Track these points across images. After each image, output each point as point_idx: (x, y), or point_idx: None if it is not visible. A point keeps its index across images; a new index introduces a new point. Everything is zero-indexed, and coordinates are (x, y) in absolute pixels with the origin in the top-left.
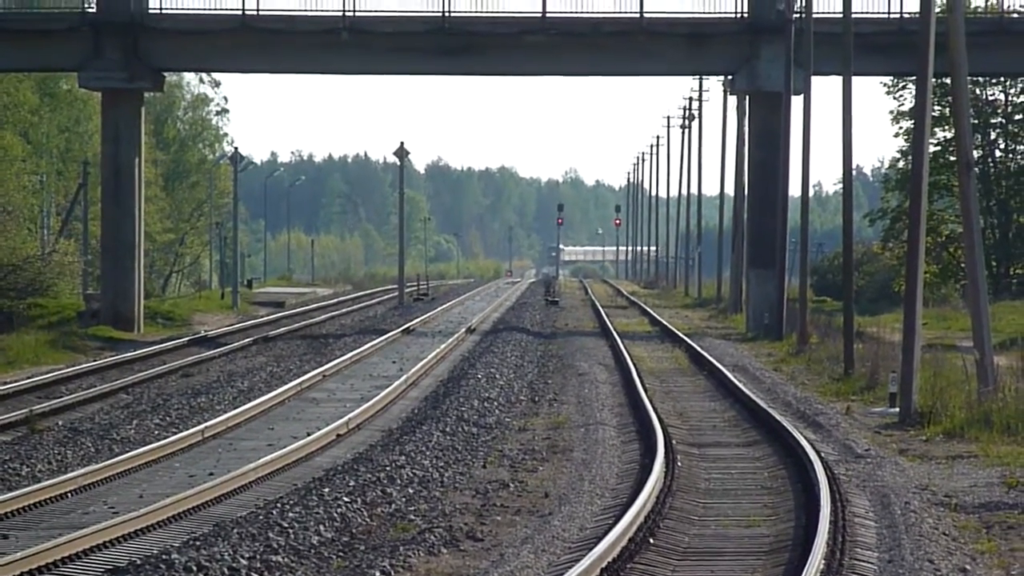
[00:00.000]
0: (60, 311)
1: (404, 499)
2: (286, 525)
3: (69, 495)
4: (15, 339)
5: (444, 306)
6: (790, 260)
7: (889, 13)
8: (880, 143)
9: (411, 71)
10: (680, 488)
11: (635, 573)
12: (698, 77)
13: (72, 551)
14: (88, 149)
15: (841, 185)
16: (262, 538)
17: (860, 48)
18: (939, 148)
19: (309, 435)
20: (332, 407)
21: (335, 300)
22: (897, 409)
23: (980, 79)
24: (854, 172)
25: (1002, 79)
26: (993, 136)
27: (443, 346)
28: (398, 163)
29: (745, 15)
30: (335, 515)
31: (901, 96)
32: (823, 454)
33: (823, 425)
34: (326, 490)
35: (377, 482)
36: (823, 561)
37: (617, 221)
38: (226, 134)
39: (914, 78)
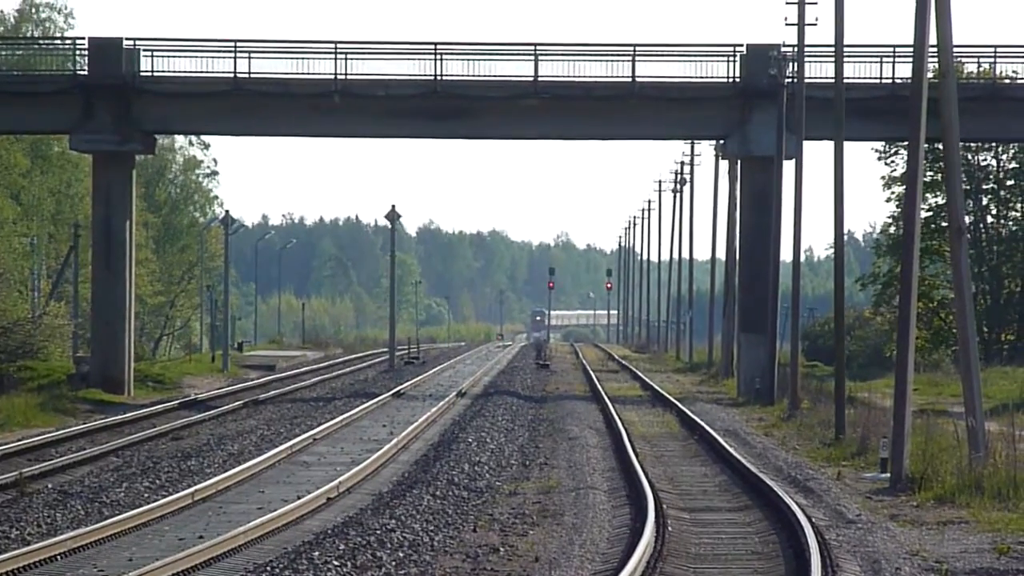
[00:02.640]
0: (50, 374)
1: (394, 563)
2: None
3: (58, 558)
4: (5, 401)
5: (435, 369)
6: (781, 325)
7: (881, 78)
8: (871, 208)
9: (403, 135)
10: (671, 553)
11: None
12: (690, 141)
13: None
14: (79, 211)
15: (832, 250)
16: None
17: (852, 113)
18: (931, 213)
19: (299, 498)
20: (322, 470)
21: (325, 363)
22: (888, 474)
23: (972, 144)
24: (845, 237)
25: (994, 144)
26: (985, 202)
27: (433, 410)
28: (389, 226)
29: (737, 80)
30: None
31: (893, 161)
32: (814, 519)
33: (814, 490)
34: (316, 553)
35: (367, 546)
36: None
37: (608, 285)
38: (216, 197)
39: (906, 143)
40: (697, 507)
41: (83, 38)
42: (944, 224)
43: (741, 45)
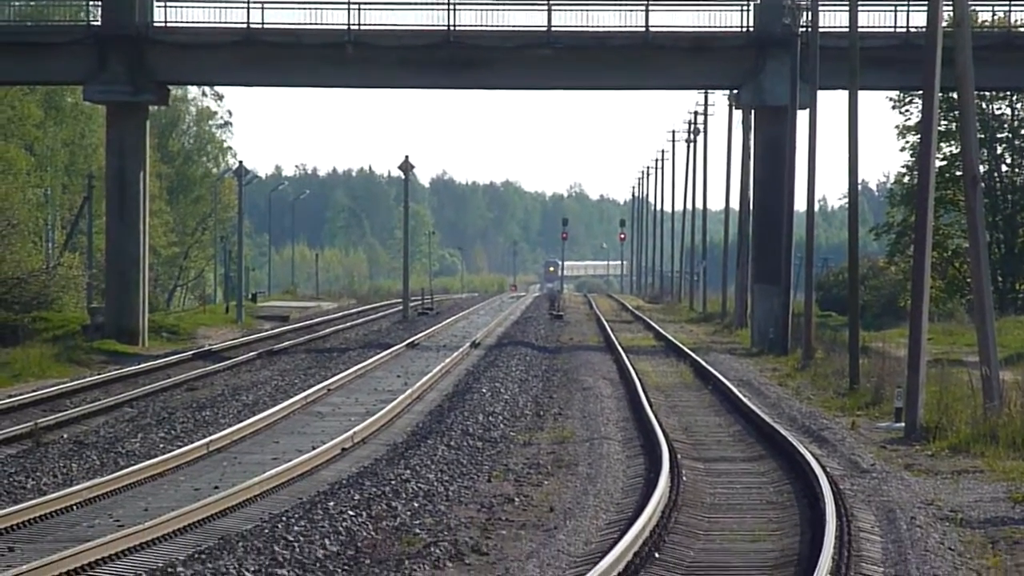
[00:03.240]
0: (65, 325)
1: (409, 513)
2: (291, 539)
3: (74, 508)
4: (20, 352)
5: (448, 320)
6: (795, 275)
7: (895, 27)
8: (886, 158)
9: (416, 85)
10: (685, 503)
11: None
12: (703, 91)
13: (77, 564)
14: (93, 162)
15: (846, 200)
16: (267, 552)
17: (866, 62)
18: (945, 163)
19: (314, 449)
20: (337, 421)
21: (339, 314)
22: (903, 424)
23: (986, 93)
24: (859, 187)
25: (1009, 93)
26: (999, 151)
27: (448, 360)
28: (403, 177)
29: (751, 29)
30: (340, 529)
31: (907, 111)
32: (828, 469)
33: (828, 440)
34: (331, 504)
35: (382, 496)
36: None
37: (622, 235)
38: (230, 148)
39: (920, 92)
40: (711, 457)
41: None
42: (959, 173)
43: None
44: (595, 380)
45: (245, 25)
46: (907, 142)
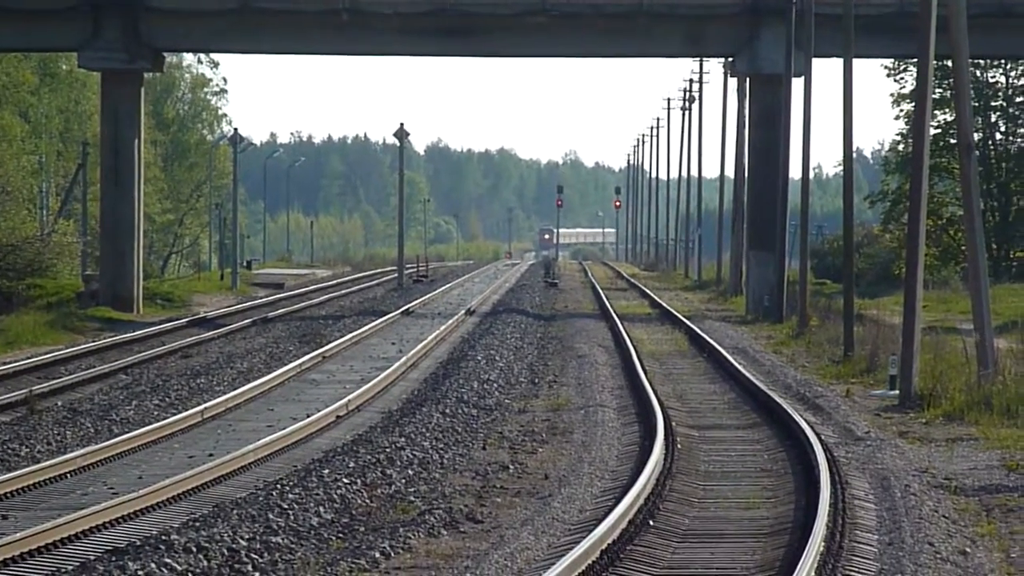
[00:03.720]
0: (59, 292)
1: (404, 481)
2: (286, 506)
3: (68, 476)
4: (14, 319)
5: (443, 288)
6: (790, 242)
7: None
8: (880, 125)
9: (411, 52)
10: (680, 470)
11: (635, 555)
12: (699, 59)
13: (71, 532)
14: (87, 130)
15: (841, 168)
16: (262, 519)
17: (861, 30)
18: (940, 130)
19: (309, 416)
20: (332, 388)
21: (334, 281)
22: (897, 392)
23: (981, 62)
24: (854, 155)
25: (1003, 62)
26: (994, 119)
27: (443, 328)
28: (398, 144)
29: None
30: (335, 496)
31: (902, 79)
32: (823, 436)
33: (823, 407)
34: (326, 471)
35: (377, 463)
36: (823, 543)
37: (617, 203)
38: (225, 115)
39: (915, 60)
40: (706, 424)
41: None
42: (953, 141)
43: None
44: (590, 348)
45: None
46: (902, 110)
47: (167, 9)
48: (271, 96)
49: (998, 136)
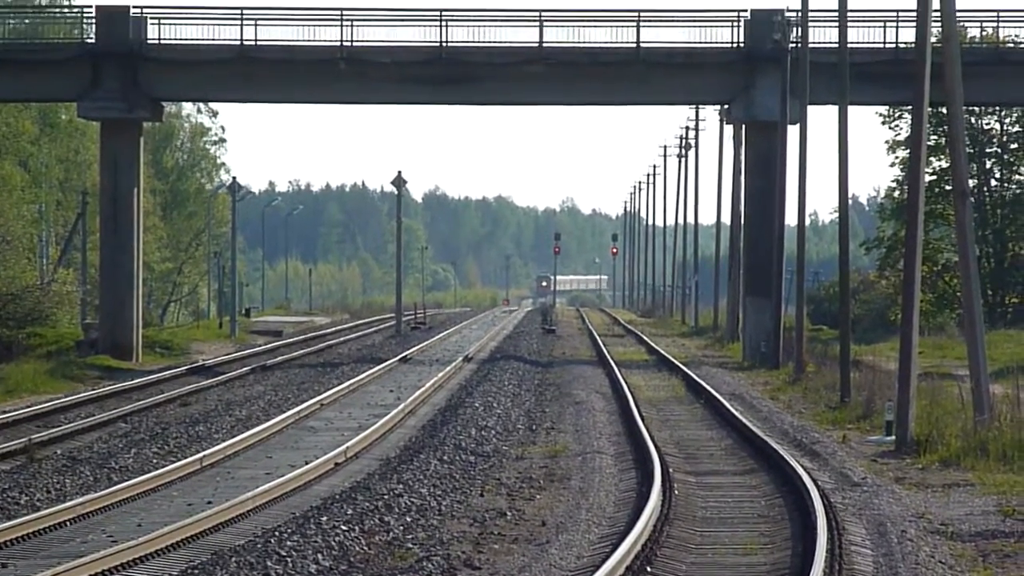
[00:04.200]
0: (59, 340)
1: (402, 527)
2: (284, 554)
3: (68, 524)
4: (14, 368)
5: (441, 335)
6: (786, 288)
7: (884, 43)
8: (876, 172)
9: (409, 101)
10: (677, 516)
11: None
12: (695, 106)
13: None
14: (87, 178)
15: (837, 214)
16: (260, 567)
17: (856, 78)
18: (935, 177)
19: (307, 464)
20: (330, 436)
21: (333, 329)
22: (893, 437)
23: (976, 108)
24: (850, 201)
25: (997, 108)
26: (988, 165)
27: (440, 375)
28: (395, 192)
29: (741, 45)
30: (333, 544)
31: (897, 126)
32: (820, 482)
33: (820, 453)
34: (324, 519)
35: (375, 510)
36: None
37: (614, 250)
38: (224, 163)
39: (910, 107)
40: (703, 471)
41: (90, 5)
42: (948, 188)
43: (745, 10)
44: (587, 394)
45: (239, 42)
46: (897, 157)
47: (165, 59)
48: (269, 145)
49: (993, 183)
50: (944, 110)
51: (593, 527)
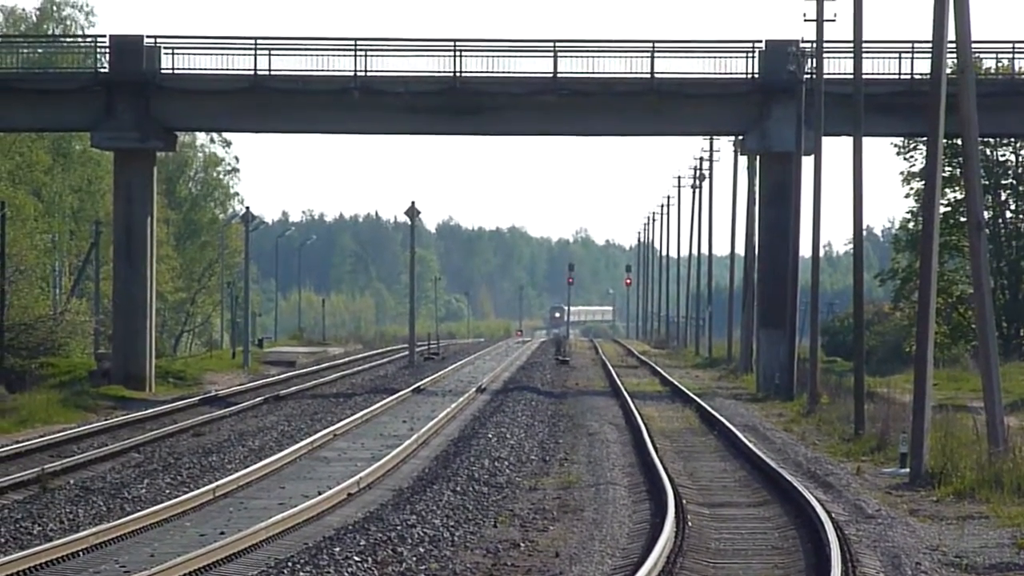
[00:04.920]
0: (72, 370)
1: (415, 558)
2: None
3: (80, 554)
4: (27, 398)
5: (454, 365)
6: (801, 320)
7: (900, 74)
8: (891, 203)
9: (422, 131)
10: (691, 548)
11: None
12: (709, 137)
13: None
14: (100, 208)
15: (851, 245)
16: None
17: (871, 109)
18: (950, 209)
19: (320, 494)
20: (343, 466)
21: (346, 359)
22: (908, 470)
23: (991, 140)
24: (864, 233)
25: (1013, 140)
26: (1004, 197)
27: (453, 406)
28: (409, 223)
29: (756, 76)
30: (346, 574)
31: (912, 157)
32: (834, 514)
33: (834, 485)
34: (337, 549)
35: (388, 541)
36: None
37: (628, 281)
38: (237, 193)
39: (925, 139)
40: (717, 502)
41: (104, 36)
42: (963, 219)
43: (760, 41)
44: (601, 425)
45: (252, 72)
46: (911, 188)
47: (179, 88)
48: (283, 174)
49: (1008, 214)
50: (959, 141)
51: (607, 558)
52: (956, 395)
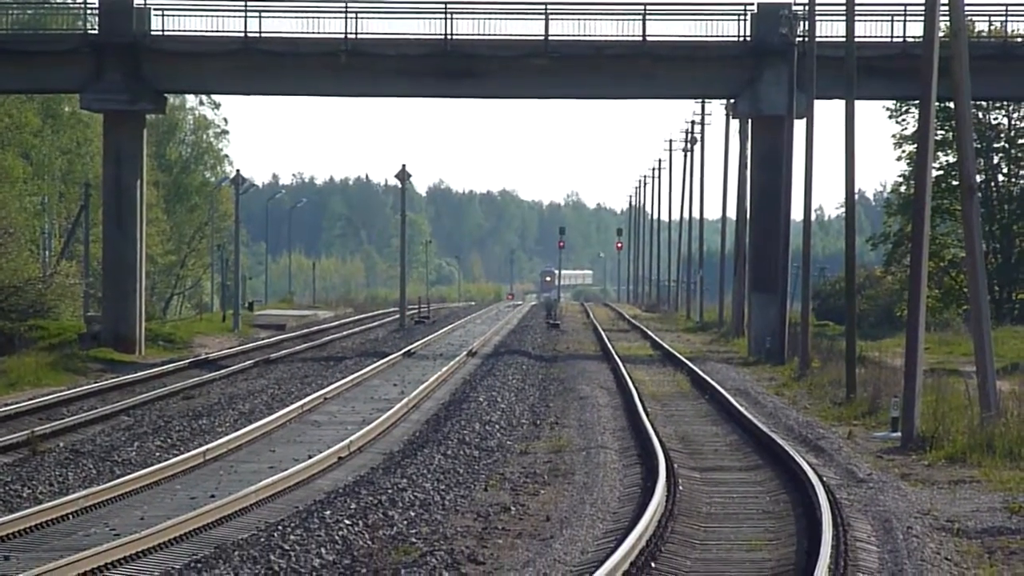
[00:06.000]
0: (61, 333)
1: (406, 522)
2: (287, 548)
3: (70, 517)
4: (16, 361)
5: (445, 329)
6: (792, 284)
7: (892, 37)
8: (883, 167)
9: (413, 94)
10: (682, 512)
11: None
12: (701, 100)
13: (73, 573)
14: (90, 171)
15: (843, 209)
16: (263, 561)
17: (863, 72)
18: (942, 172)
19: (311, 457)
20: (333, 430)
21: (336, 323)
22: (899, 434)
23: (983, 103)
24: (856, 196)
25: (1005, 103)
26: (996, 160)
27: (444, 369)
28: (399, 186)
29: (748, 39)
30: (337, 538)
31: (904, 120)
32: (825, 478)
33: (825, 449)
34: (327, 513)
35: (379, 505)
36: None
37: (619, 244)
38: (227, 156)
39: (917, 102)
40: (708, 466)
41: None
42: (955, 183)
43: (752, 4)
44: (592, 389)
45: (242, 34)
46: (904, 152)
47: (169, 51)
48: (273, 137)
49: (1000, 178)
50: (951, 105)
51: (597, 522)
52: (948, 359)
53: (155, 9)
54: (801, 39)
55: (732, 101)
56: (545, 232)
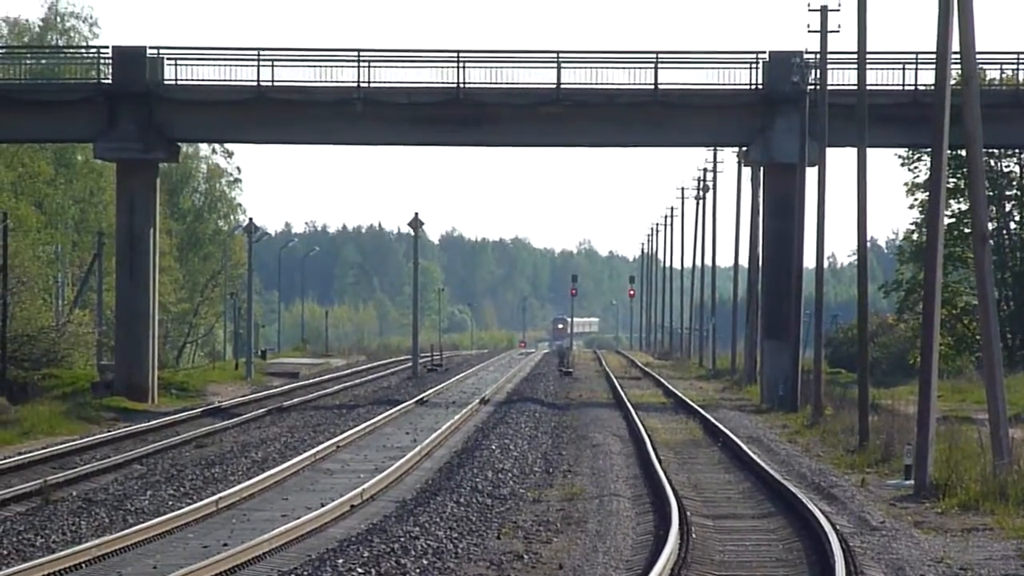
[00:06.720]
0: (74, 382)
1: (418, 570)
2: None
3: (83, 566)
4: (30, 409)
5: (458, 377)
6: (804, 331)
7: (904, 85)
8: (894, 215)
9: (425, 142)
10: (695, 560)
11: None
12: (713, 148)
13: None
14: (103, 219)
15: (855, 257)
16: None
17: (875, 120)
18: (954, 220)
19: (323, 506)
20: (346, 478)
21: (349, 371)
22: (912, 481)
23: (995, 151)
24: (868, 244)
25: (1017, 151)
26: (1008, 208)
27: (457, 417)
28: (412, 234)
29: (760, 87)
30: None
31: (916, 168)
32: (838, 526)
33: (838, 497)
34: (340, 561)
35: (391, 553)
36: None
37: (631, 292)
38: (240, 204)
39: (929, 150)
40: (721, 514)
41: (107, 47)
42: (967, 230)
43: (763, 52)
44: (604, 437)
45: (255, 83)
46: (916, 199)
47: (182, 99)
48: (286, 185)
49: (1012, 225)
50: (963, 153)
51: (611, 570)
52: (960, 407)
53: (168, 58)
54: (813, 87)
55: (744, 149)
56: (557, 279)
